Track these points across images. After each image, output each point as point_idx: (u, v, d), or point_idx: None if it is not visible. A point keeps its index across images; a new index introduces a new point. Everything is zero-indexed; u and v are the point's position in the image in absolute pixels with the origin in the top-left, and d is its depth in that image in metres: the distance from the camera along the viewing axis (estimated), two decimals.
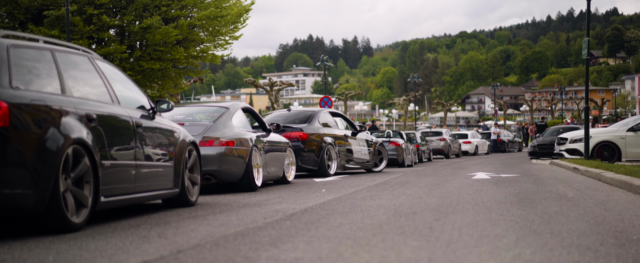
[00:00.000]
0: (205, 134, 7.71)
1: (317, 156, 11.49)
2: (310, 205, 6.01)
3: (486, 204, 5.69)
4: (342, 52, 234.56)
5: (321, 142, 11.66)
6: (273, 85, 37.95)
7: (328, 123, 12.59)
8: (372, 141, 13.95)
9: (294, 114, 12.49)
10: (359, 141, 13.35)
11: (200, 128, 7.85)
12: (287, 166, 9.86)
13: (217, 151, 7.64)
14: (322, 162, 11.53)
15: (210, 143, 7.65)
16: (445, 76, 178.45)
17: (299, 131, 11.47)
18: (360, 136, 13.47)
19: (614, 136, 16.00)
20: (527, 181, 8.79)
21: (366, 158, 13.45)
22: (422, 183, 8.93)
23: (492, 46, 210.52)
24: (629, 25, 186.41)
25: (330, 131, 12.30)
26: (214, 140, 7.69)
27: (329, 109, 13.50)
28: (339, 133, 12.66)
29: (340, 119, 13.69)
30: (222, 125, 8.01)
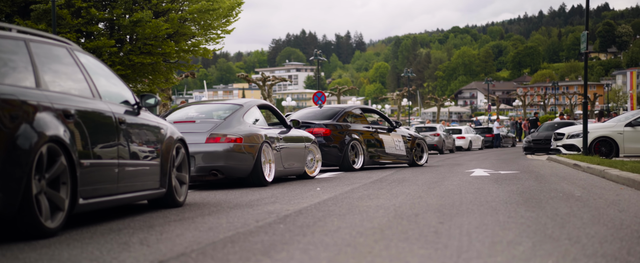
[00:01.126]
0: (213, 131, 7.95)
1: (340, 151, 11.78)
2: (305, 206, 5.69)
3: (491, 204, 5.38)
4: (335, 47, 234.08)
5: (344, 137, 11.92)
6: (265, 80, 37.58)
7: (358, 119, 12.91)
8: (409, 137, 14.07)
9: (323, 110, 12.82)
10: (392, 136, 13.47)
11: (210, 125, 8.09)
12: (310, 161, 10.02)
13: (224, 148, 7.85)
14: (345, 157, 11.79)
15: (217, 139, 7.88)
16: (438, 71, 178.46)
17: (322, 127, 11.75)
18: (396, 132, 13.66)
19: (612, 132, 15.75)
20: (528, 179, 8.50)
21: (401, 153, 13.57)
22: (419, 181, 8.62)
23: (484, 41, 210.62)
24: (620, 21, 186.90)
25: (358, 126, 12.53)
26: (221, 137, 7.91)
27: (360, 105, 14.09)
28: (368, 128, 12.86)
29: (375, 115, 14.01)
30: (232, 122, 8.21)
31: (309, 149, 9.91)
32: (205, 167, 7.83)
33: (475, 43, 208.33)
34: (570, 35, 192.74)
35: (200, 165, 7.80)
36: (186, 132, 7.81)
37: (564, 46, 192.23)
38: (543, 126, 25.90)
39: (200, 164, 7.80)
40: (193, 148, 7.63)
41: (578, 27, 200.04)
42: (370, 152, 12.62)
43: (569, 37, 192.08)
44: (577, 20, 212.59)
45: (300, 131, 9.97)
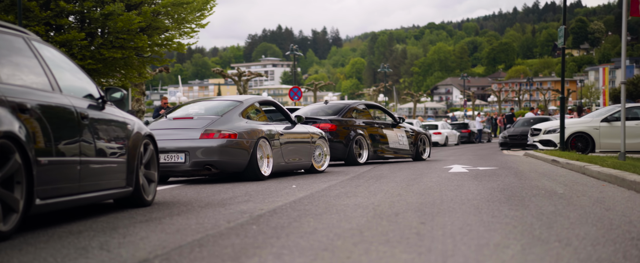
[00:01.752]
0: (208, 127, 8.20)
1: (345, 146, 12.15)
2: (279, 205, 5.44)
3: (473, 203, 5.18)
4: (311, 42, 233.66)
5: (350, 133, 12.30)
6: (241, 75, 37.20)
7: (362, 115, 13.32)
8: (412, 132, 14.36)
9: (329, 106, 13.17)
10: (396, 131, 13.80)
11: (206, 121, 8.35)
12: (319, 156, 10.29)
13: (217, 143, 8.09)
14: (350, 152, 12.20)
15: (210, 135, 8.13)
16: (414, 67, 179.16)
17: (327, 123, 12.10)
18: (402, 127, 14.03)
19: (588, 127, 15.74)
20: (508, 175, 8.35)
21: (405, 147, 13.92)
22: (397, 178, 8.42)
23: (459, 37, 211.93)
24: (593, 17, 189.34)
25: (362, 122, 12.90)
26: (215, 133, 8.15)
27: (365, 101, 14.50)
28: (373, 124, 13.25)
29: (378, 111, 14.43)
30: (229, 119, 8.46)
31: (316, 144, 10.15)
32: (199, 162, 8.06)
33: (451, 39, 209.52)
34: (543, 31, 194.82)
35: (195, 159, 8.03)
36: (183, 128, 8.21)
37: (537, 42, 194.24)
38: (519, 121, 25.96)
39: (194, 159, 8.03)
40: (188, 144, 8.01)
41: (551, 24, 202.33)
42: (375, 147, 12.96)
43: (543, 33, 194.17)
44: (551, 16, 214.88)
45: (307, 127, 10.20)
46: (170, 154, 8.06)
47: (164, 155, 8.03)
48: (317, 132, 10.29)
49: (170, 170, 8.10)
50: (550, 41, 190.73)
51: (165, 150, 8.02)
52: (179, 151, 8.05)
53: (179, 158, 8.05)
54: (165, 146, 8.00)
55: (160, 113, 19.55)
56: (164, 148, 7.98)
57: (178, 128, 8.30)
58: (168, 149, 8.03)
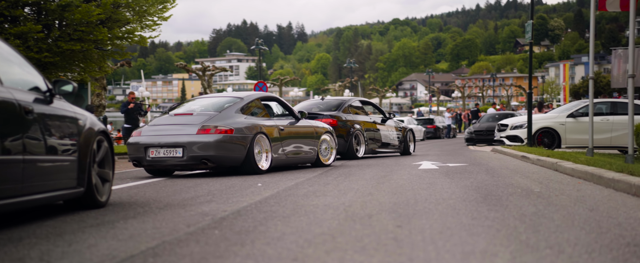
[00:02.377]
0: (205, 123, 8.49)
1: (345, 141, 12.52)
2: (244, 205, 5.10)
3: (449, 203, 4.92)
4: (276, 38, 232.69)
5: (350, 128, 12.70)
6: (205, 70, 36.54)
7: (358, 111, 13.72)
8: (400, 127, 14.87)
9: (326, 102, 13.60)
10: (387, 127, 14.29)
11: (204, 117, 8.65)
12: (325, 150, 10.59)
13: (214, 139, 8.38)
14: (350, 146, 12.61)
15: (207, 131, 8.43)
16: (379, 62, 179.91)
17: (328, 118, 12.43)
18: (389, 123, 14.45)
19: (554, 123, 15.71)
20: (479, 172, 8.14)
21: (395, 142, 14.43)
22: (367, 175, 8.14)
23: (423, 33, 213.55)
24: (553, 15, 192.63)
25: (359, 117, 13.32)
26: (211, 128, 8.45)
27: (359, 98, 14.62)
28: (368, 119, 13.66)
29: (370, 107, 14.82)
30: (227, 114, 8.77)
31: (322, 138, 10.48)
32: (196, 156, 8.38)
33: (415, 35, 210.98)
34: (505, 28, 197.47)
35: (191, 154, 8.38)
36: (182, 124, 8.58)
37: (500, 38, 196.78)
38: (484, 117, 26.01)
39: (191, 153, 8.37)
40: (185, 139, 8.39)
41: (513, 21, 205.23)
42: (369, 141, 13.42)
43: (505, 30, 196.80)
44: (512, 13, 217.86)
45: (311, 122, 10.47)
46: (169, 149, 8.45)
47: (163, 150, 8.46)
48: (322, 126, 10.59)
49: (170, 164, 8.49)
50: (512, 37, 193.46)
51: (165, 145, 8.46)
52: (176, 146, 8.42)
53: (177, 152, 8.42)
54: (164, 141, 8.46)
55: (129, 107, 18.97)
56: (164, 142, 8.45)
57: (178, 124, 8.64)
58: (167, 144, 8.45)
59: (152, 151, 8.51)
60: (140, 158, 8.61)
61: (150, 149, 8.53)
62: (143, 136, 8.68)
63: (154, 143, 8.50)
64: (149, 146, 8.53)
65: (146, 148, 8.55)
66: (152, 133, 8.63)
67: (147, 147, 8.54)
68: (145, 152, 8.55)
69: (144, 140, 8.60)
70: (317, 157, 10.26)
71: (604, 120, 15.44)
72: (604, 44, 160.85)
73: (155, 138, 8.54)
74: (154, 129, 8.69)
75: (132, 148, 8.70)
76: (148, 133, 8.67)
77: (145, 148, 8.55)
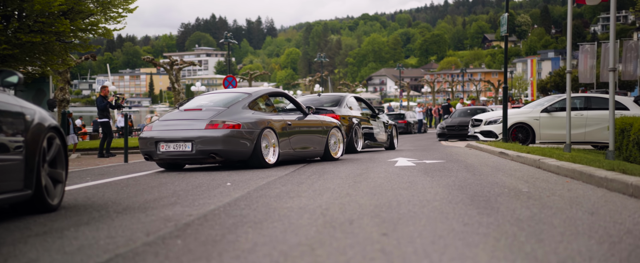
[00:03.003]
0: (213, 118, 8.71)
1: (347, 135, 12.77)
2: (211, 208, 4.66)
3: (434, 205, 4.54)
4: (245, 32, 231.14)
5: (351, 123, 12.98)
6: (173, 64, 35.78)
7: (353, 106, 13.95)
8: (387, 123, 15.24)
9: (324, 98, 13.92)
10: (378, 122, 14.66)
11: (213, 112, 8.88)
12: (334, 144, 10.81)
13: (222, 133, 8.59)
14: (351, 140, 12.88)
15: (215, 126, 8.65)
16: (349, 57, 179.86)
17: (331, 113, 12.63)
18: (379, 119, 14.81)
19: (529, 118, 15.52)
20: (459, 169, 7.80)
21: (383, 138, 14.77)
22: (342, 173, 7.74)
23: (393, 28, 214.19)
24: (519, 10, 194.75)
25: (356, 113, 13.67)
26: (219, 123, 8.66)
27: (354, 94, 14.82)
28: (362, 115, 14.03)
29: (363, 103, 14.94)
30: (235, 110, 8.99)
31: (331, 133, 10.67)
32: (204, 151, 8.61)
33: (384, 30, 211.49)
34: (473, 24, 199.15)
35: (200, 148, 8.61)
36: (191, 119, 8.81)
37: (468, 34, 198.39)
38: (456, 112, 25.85)
39: (199, 148, 8.61)
40: (194, 133, 8.63)
41: (481, 16, 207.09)
42: (365, 137, 13.78)
43: (473, 25, 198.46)
44: (480, 9, 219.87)
45: (320, 116, 10.66)
46: (179, 143, 8.71)
47: (173, 144, 8.72)
48: (330, 121, 10.77)
49: (179, 157, 8.75)
50: (480, 33, 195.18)
51: (175, 139, 8.71)
52: (186, 140, 8.66)
53: (186, 146, 8.67)
54: (175, 135, 8.71)
55: (110, 99, 18.27)
56: (174, 137, 8.70)
57: (187, 119, 8.87)
58: (177, 138, 8.71)
59: (162, 145, 8.78)
60: (151, 152, 8.88)
61: (160, 143, 8.79)
62: (154, 130, 8.92)
63: (164, 138, 8.77)
64: (160, 140, 8.79)
65: (157, 143, 8.81)
66: (162, 128, 8.89)
67: (158, 141, 8.80)
68: (156, 146, 8.81)
69: (155, 135, 8.85)
70: (326, 151, 10.46)
71: (578, 115, 15.31)
72: None
73: (165, 132, 8.81)
74: (164, 124, 8.95)
75: (143, 143, 8.96)
76: (158, 127, 8.93)
77: (156, 143, 8.81)
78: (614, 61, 9.62)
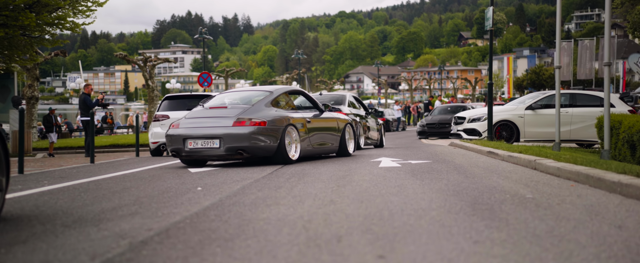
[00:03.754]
0: (240, 116, 8.92)
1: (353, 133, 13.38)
2: (176, 220, 4.04)
3: (432, 215, 3.96)
4: (222, 29, 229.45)
5: (355, 121, 13.13)
6: (147, 61, 34.90)
7: (354, 105, 14.44)
8: (378, 122, 15.59)
9: (325, 97, 14.34)
10: (371, 121, 15.02)
11: (238, 110, 9.09)
12: (348, 140, 11.07)
13: (248, 131, 8.78)
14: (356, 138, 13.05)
15: (242, 123, 8.85)
16: (326, 55, 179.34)
17: (339, 111, 12.90)
18: (371, 117, 15.17)
19: (513, 115, 15.07)
20: (449, 171, 7.25)
21: (375, 136, 15.14)
22: (323, 175, 7.14)
23: (370, 26, 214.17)
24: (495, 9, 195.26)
25: (356, 111, 14.13)
26: (246, 121, 8.87)
27: (352, 93, 15.28)
28: (362, 113, 14.47)
29: (358, 102, 15.19)
30: (259, 107, 9.19)
31: (346, 130, 10.95)
32: (232, 147, 8.79)
33: (361, 28, 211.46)
34: (449, 22, 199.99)
35: (228, 145, 8.79)
36: (218, 117, 8.99)
37: (444, 32, 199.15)
38: (436, 109, 25.40)
39: (228, 144, 8.79)
40: (222, 131, 8.80)
41: (457, 14, 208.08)
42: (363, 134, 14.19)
43: (449, 23, 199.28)
44: (456, 7, 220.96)
45: (334, 114, 10.88)
46: (207, 140, 8.86)
47: (201, 141, 8.86)
48: (343, 118, 10.98)
49: (207, 154, 8.89)
50: (456, 31, 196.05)
51: (203, 136, 8.87)
52: (214, 137, 8.83)
53: (214, 143, 8.83)
54: (202, 133, 8.87)
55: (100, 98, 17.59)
56: (202, 134, 8.86)
57: (213, 117, 9.06)
58: (205, 135, 8.87)
59: (190, 142, 8.91)
60: (179, 149, 9.01)
61: (188, 140, 8.93)
62: (181, 128, 9.04)
63: (192, 135, 8.90)
64: (188, 137, 8.92)
65: (185, 140, 8.95)
66: (190, 125, 9.02)
67: (186, 139, 8.94)
68: (183, 143, 8.96)
69: (183, 132, 8.98)
70: (342, 147, 10.75)
71: (563, 113, 14.89)
72: (544, 37, 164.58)
73: (193, 130, 8.93)
74: (191, 122, 9.08)
75: (171, 140, 9.09)
76: (186, 125, 9.06)
77: (184, 140, 8.95)
78: (609, 55, 9.16)
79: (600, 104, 14.86)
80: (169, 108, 13.81)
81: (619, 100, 15.19)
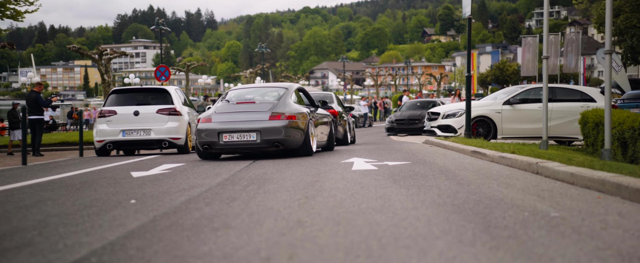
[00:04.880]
0: (273, 110, 9.37)
1: (343, 128, 14.00)
2: (76, 258, 2.84)
3: (439, 249, 2.84)
4: (185, 24, 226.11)
5: (342, 117, 14.15)
6: (102, 54, 33.14)
7: (337, 103, 15.49)
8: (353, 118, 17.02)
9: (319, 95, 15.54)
10: (349, 118, 15.51)
11: (269, 105, 9.51)
12: (333, 136, 11.48)
13: (283, 124, 9.26)
14: (345, 133, 14.02)
15: (278, 117, 9.30)
16: (290, 50, 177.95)
17: (331, 109, 13.57)
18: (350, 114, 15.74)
19: (490, 111, 14.11)
20: (435, 176, 6.16)
21: (353, 133, 15.54)
22: (288, 182, 5.98)
23: (334, 22, 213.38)
24: (457, 5, 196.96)
25: (340, 109, 14.90)
26: (281, 115, 9.34)
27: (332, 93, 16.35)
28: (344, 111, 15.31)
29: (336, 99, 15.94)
30: (285, 103, 9.67)
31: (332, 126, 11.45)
32: (269, 140, 9.23)
33: (326, 24, 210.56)
34: (413, 18, 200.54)
35: (266, 137, 9.22)
36: (251, 111, 9.39)
37: (407, 28, 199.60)
38: (406, 104, 24.37)
39: (265, 137, 9.22)
40: (259, 124, 9.23)
41: (420, 11, 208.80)
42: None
43: (412, 20, 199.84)
44: (419, 4, 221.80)
45: (324, 111, 11.43)
46: (244, 133, 9.23)
47: (237, 134, 9.23)
48: (330, 115, 11.52)
49: (244, 147, 9.28)
50: (420, 27, 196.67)
51: (240, 130, 9.24)
52: (251, 130, 9.22)
53: (251, 136, 9.21)
54: (239, 127, 9.24)
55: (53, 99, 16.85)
56: (239, 128, 9.24)
57: (246, 111, 9.43)
58: (242, 129, 9.24)
59: (225, 136, 9.22)
60: (213, 142, 9.27)
61: (223, 134, 9.22)
62: (214, 122, 9.33)
63: (228, 129, 9.22)
64: (223, 131, 9.22)
65: (219, 133, 9.22)
66: (223, 120, 9.33)
67: (221, 132, 9.22)
68: (218, 137, 9.23)
69: (217, 126, 9.27)
70: (330, 142, 11.19)
71: (542, 108, 14.03)
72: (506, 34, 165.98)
73: (227, 124, 9.25)
74: (224, 117, 9.39)
75: (204, 134, 9.31)
76: (218, 119, 9.35)
77: (218, 133, 9.22)
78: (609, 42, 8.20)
79: (580, 98, 14.01)
80: (117, 102, 12.49)
81: (600, 94, 14.37)
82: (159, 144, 12.33)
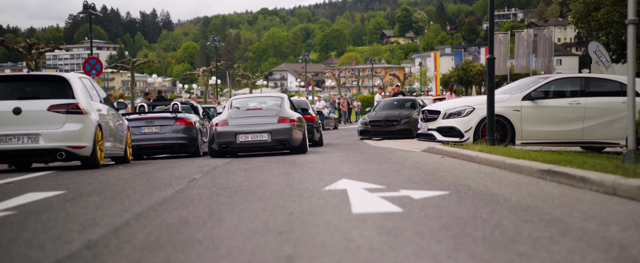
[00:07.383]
0: (279, 115, 11.54)
1: (317, 131, 15.84)
2: None
3: None
4: (140, 25, 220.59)
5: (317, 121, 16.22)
6: (31, 47, 29.05)
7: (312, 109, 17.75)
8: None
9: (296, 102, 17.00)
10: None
11: (274, 111, 11.69)
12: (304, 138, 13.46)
13: (289, 126, 11.44)
14: (321, 137, 16.00)
15: (284, 120, 11.49)
16: (248, 52, 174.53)
17: (309, 115, 15.68)
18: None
19: (506, 108, 10.93)
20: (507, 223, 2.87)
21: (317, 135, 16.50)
22: (249, 221, 2.59)
23: (292, 23, 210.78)
24: (415, 7, 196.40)
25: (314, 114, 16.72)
26: (286, 119, 11.50)
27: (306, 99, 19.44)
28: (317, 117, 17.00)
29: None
30: (285, 109, 11.84)
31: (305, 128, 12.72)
32: (278, 139, 11.35)
33: (284, 25, 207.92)
34: (372, 20, 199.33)
35: (276, 137, 11.33)
36: (261, 116, 11.55)
37: (366, 30, 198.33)
38: (380, 103, 21.02)
39: (275, 137, 11.33)
40: (270, 126, 11.36)
41: (379, 13, 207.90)
42: None
43: (371, 22, 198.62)
44: (377, 6, 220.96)
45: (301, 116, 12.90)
46: (257, 134, 11.31)
47: (251, 135, 11.31)
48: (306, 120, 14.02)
49: (257, 145, 11.36)
50: (378, 29, 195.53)
51: (254, 131, 11.32)
52: (264, 131, 11.33)
53: (263, 136, 11.31)
54: (253, 129, 11.33)
55: None
56: (254, 130, 11.32)
57: (257, 116, 11.55)
58: (255, 131, 11.32)
59: (241, 136, 11.28)
60: (230, 142, 11.29)
61: (239, 135, 11.28)
62: (231, 125, 11.33)
63: (243, 131, 11.29)
64: (239, 132, 11.29)
65: (236, 134, 11.27)
66: (238, 123, 11.38)
67: (237, 134, 11.28)
68: (235, 137, 11.27)
69: (234, 129, 11.31)
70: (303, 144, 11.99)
71: (573, 104, 10.91)
72: (464, 36, 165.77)
73: (242, 126, 11.33)
74: (238, 121, 11.42)
75: (222, 135, 11.28)
76: (234, 122, 11.37)
77: (235, 134, 11.27)
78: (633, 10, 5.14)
79: (621, 91, 10.90)
80: None
81: None
82: (51, 156, 8.83)
